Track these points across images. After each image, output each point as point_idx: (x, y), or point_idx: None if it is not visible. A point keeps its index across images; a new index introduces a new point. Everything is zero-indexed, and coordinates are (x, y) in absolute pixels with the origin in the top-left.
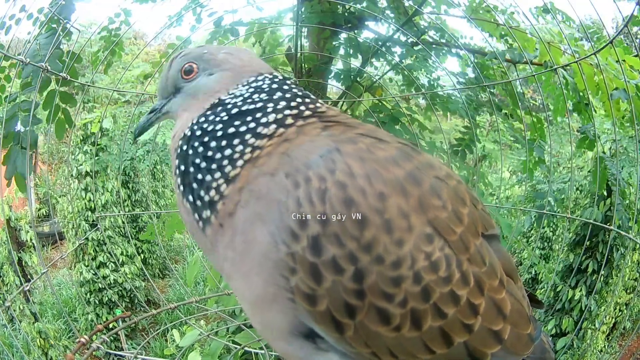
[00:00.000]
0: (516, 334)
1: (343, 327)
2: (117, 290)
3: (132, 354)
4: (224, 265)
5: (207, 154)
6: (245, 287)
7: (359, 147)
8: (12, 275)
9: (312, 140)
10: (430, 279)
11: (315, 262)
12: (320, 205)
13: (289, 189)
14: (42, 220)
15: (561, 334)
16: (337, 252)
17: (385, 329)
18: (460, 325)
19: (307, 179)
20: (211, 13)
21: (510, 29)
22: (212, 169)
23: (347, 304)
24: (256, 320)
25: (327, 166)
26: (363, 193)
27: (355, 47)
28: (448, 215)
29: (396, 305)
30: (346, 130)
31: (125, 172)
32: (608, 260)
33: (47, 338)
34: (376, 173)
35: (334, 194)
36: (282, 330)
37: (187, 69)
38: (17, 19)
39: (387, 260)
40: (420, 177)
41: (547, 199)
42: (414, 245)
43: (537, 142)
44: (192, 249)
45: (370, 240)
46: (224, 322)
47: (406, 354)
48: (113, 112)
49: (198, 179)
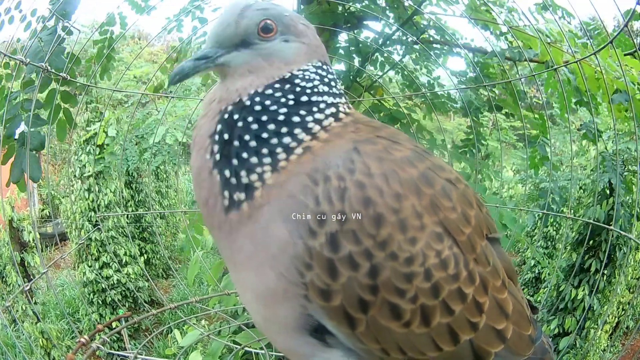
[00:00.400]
0: (518, 334)
1: (355, 322)
2: (120, 291)
3: (133, 354)
4: (235, 255)
5: (261, 135)
6: (256, 280)
7: (377, 148)
8: (14, 276)
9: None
10: (440, 276)
11: (332, 258)
12: (339, 204)
13: (308, 188)
14: (46, 221)
15: (564, 333)
16: (353, 249)
17: (396, 324)
18: (466, 322)
19: (326, 178)
20: (215, 8)
21: (509, 28)
22: (262, 152)
23: (361, 299)
24: (261, 314)
25: (346, 166)
26: (380, 192)
27: (355, 46)
28: (457, 216)
29: (407, 301)
30: (369, 131)
31: (129, 173)
32: (611, 259)
33: (50, 338)
34: (393, 173)
35: (353, 194)
36: (288, 326)
37: (266, 26)
38: (10, 17)
39: (401, 257)
40: (433, 178)
41: (549, 199)
42: (425, 243)
43: (540, 139)
44: (194, 249)
45: (385, 238)
46: (226, 322)
47: (415, 350)
48: (117, 115)
49: (242, 157)
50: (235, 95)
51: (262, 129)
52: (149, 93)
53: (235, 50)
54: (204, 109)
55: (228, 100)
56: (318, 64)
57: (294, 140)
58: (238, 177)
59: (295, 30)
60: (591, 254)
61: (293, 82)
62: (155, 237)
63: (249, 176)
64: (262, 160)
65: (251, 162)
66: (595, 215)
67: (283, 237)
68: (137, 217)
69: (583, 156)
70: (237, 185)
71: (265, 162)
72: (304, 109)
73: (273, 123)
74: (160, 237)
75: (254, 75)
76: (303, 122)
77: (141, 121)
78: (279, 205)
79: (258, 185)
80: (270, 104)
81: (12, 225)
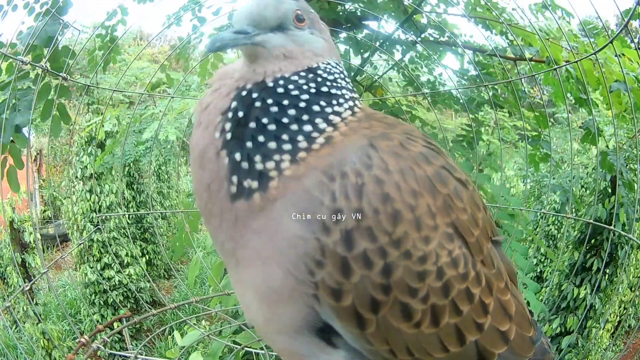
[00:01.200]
0: (520, 335)
1: (365, 323)
2: (122, 292)
3: (133, 354)
4: (239, 250)
5: (281, 119)
6: (260, 276)
7: (393, 144)
8: (15, 277)
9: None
10: (451, 275)
11: (346, 256)
12: (356, 200)
13: (324, 184)
14: (47, 222)
15: (566, 332)
16: (368, 246)
17: (406, 325)
18: (472, 323)
19: (343, 174)
20: (216, 11)
21: (508, 27)
22: (282, 138)
23: (373, 299)
24: (261, 311)
25: (364, 162)
26: (398, 189)
27: (355, 46)
28: (468, 218)
29: (419, 301)
30: (383, 127)
31: (130, 174)
32: (612, 258)
33: (51, 339)
34: (409, 170)
35: (372, 190)
36: (290, 325)
37: (299, 16)
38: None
39: (415, 255)
40: (447, 177)
41: (547, 199)
42: (438, 243)
43: (543, 137)
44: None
45: (401, 236)
46: (226, 322)
47: (422, 351)
48: (117, 114)
49: (258, 140)
50: (260, 76)
51: (282, 113)
52: (149, 93)
53: (272, 32)
54: (214, 83)
55: (250, 79)
56: (336, 61)
57: (315, 129)
58: (251, 162)
59: (318, 26)
60: (593, 253)
61: (316, 72)
62: (156, 238)
63: (265, 163)
64: (282, 147)
65: (269, 147)
66: (597, 215)
67: (295, 234)
68: (138, 218)
69: (584, 155)
70: (249, 172)
71: (285, 149)
72: (324, 100)
73: (294, 108)
74: (161, 238)
75: (287, 61)
76: (323, 113)
77: (139, 116)
78: (293, 199)
79: (274, 175)
80: (293, 89)
81: (13, 226)
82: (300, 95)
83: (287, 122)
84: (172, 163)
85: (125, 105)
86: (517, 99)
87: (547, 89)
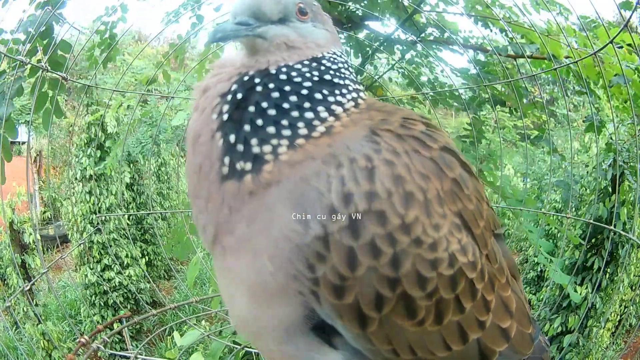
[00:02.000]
0: (520, 332)
1: (367, 321)
2: (122, 293)
3: (133, 354)
4: (224, 236)
5: (281, 105)
6: (249, 270)
7: (393, 127)
8: (15, 278)
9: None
10: (462, 262)
11: (352, 245)
12: (367, 183)
13: (329, 172)
14: (47, 223)
15: (567, 331)
16: (377, 232)
17: (410, 323)
18: (475, 321)
19: (351, 160)
20: (217, 7)
21: (507, 24)
22: (281, 123)
23: (378, 295)
24: (248, 309)
25: (371, 147)
26: (409, 170)
27: (355, 46)
28: (474, 208)
29: (425, 296)
30: (383, 115)
31: (130, 175)
32: (613, 257)
33: (51, 340)
34: (414, 151)
35: (383, 171)
36: (281, 325)
37: (302, 9)
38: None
39: (425, 242)
40: (451, 161)
41: (546, 199)
42: (448, 231)
43: (546, 134)
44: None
45: (412, 221)
46: (226, 323)
47: (425, 350)
48: (116, 115)
49: (256, 124)
50: (263, 65)
51: (283, 98)
52: (150, 94)
53: (273, 24)
54: (214, 70)
55: (252, 67)
56: (340, 51)
57: (316, 117)
58: (247, 145)
59: (321, 18)
60: (593, 252)
61: (320, 61)
62: (156, 239)
63: (262, 146)
64: (281, 132)
65: (267, 132)
66: (597, 214)
67: (290, 225)
68: (138, 219)
69: (585, 153)
70: (244, 154)
71: (284, 134)
72: (327, 89)
73: (295, 95)
74: (161, 239)
75: (290, 51)
76: (326, 101)
77: (138, 118)
78: (288, 187)
79: (269, 158)
80: (296, 76)
81: (13, 227)
82: (302, 82)
83: (287, 107)
84: (171, 164)
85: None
86: (517, 98)
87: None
